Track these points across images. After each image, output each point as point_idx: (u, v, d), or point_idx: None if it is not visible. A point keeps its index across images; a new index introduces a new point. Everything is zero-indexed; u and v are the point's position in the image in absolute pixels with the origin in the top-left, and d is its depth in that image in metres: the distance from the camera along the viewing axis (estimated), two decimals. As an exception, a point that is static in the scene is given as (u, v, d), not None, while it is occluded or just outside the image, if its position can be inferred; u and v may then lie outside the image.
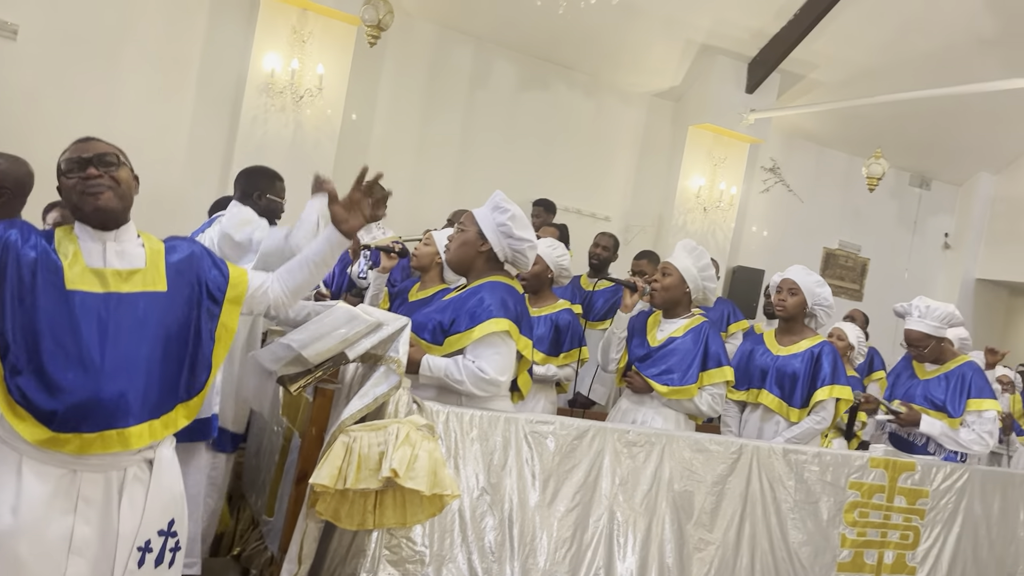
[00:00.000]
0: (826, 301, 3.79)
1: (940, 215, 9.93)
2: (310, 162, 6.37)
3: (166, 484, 2.05)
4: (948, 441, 3.85)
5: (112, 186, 1.95)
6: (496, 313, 2.74)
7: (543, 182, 7.65)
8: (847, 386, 3.68)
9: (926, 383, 4.01)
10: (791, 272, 3.84)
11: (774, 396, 3.74)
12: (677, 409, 3.56)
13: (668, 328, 3.63)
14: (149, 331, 1.96)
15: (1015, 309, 10.50)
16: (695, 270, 3.60)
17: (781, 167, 8.85)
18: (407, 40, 7.06)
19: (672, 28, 7.38)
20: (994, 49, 7.68)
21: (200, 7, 6.36)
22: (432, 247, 3.81)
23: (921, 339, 3.97)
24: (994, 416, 3.84)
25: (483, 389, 2.73)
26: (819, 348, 3.71)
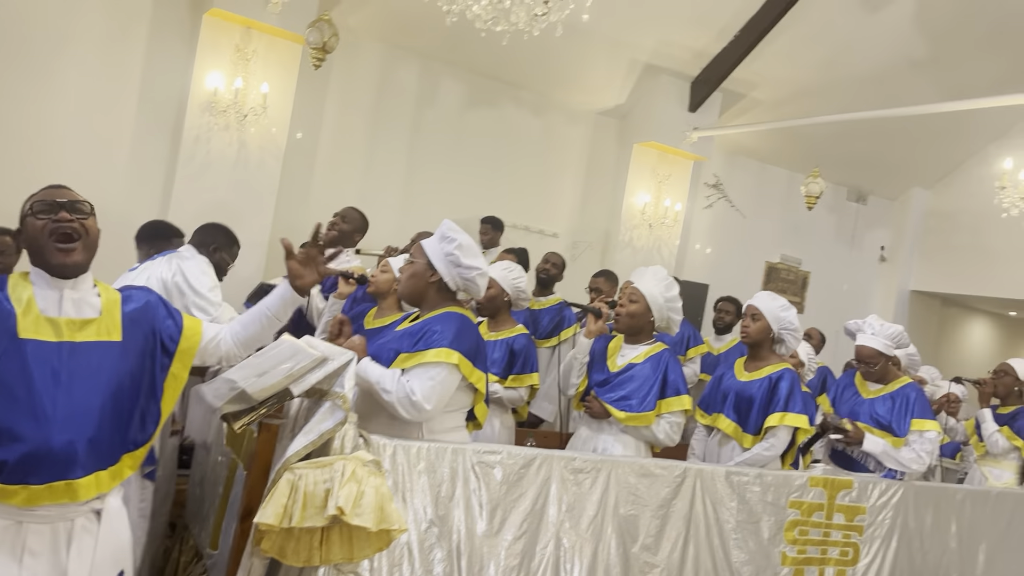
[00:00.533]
0: (791, 325, 3.78)
1: (876, 229, 10.24)
2: (255, 181, 6.32)
3: (115, 534, 2.02)
4: (888, 459, 3.95)
5: (82, 236, 1.95)
6: (448, 344, 2.75)
7: (491, 199, 7.68)
8: (803, 415, 3.63)
9: (871, 402, 4.10)
10: (756, 298, 3.85)
11: (730, 421, 3.74)
12: (635, 436, 3.55)
13: (629, 354, 3.63)
14: (102, 381, 1.94)
15: (947, 319, 10.88)
16: (662, 300, 3.59)
17: (724, 183, 9.04)
18: (353, 59, 7.04)
19: (617, 48, 7.50)
20: (925, 70, 7.98)
21: (140, 24, 6.25)
22: (390, 274, 3.77)
23: (873, 356, 4.06)
24: (935, 437, 3.96)
25: (406, 409, 2.69)
26: (779, 375, 3.67)
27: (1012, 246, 8.70)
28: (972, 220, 9.46)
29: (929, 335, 10.46)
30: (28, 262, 2.01)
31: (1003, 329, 11.95)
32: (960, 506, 3.98)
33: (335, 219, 4.83)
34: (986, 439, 5.08)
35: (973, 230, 9.48)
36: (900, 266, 10.10)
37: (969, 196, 9.46)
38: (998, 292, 9.32)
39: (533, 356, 4.03)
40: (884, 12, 7.36)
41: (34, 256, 1.95)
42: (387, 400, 2.70)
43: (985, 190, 8.25)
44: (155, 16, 6.28)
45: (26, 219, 1.95)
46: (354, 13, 6.84)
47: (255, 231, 6.32)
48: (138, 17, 6.24)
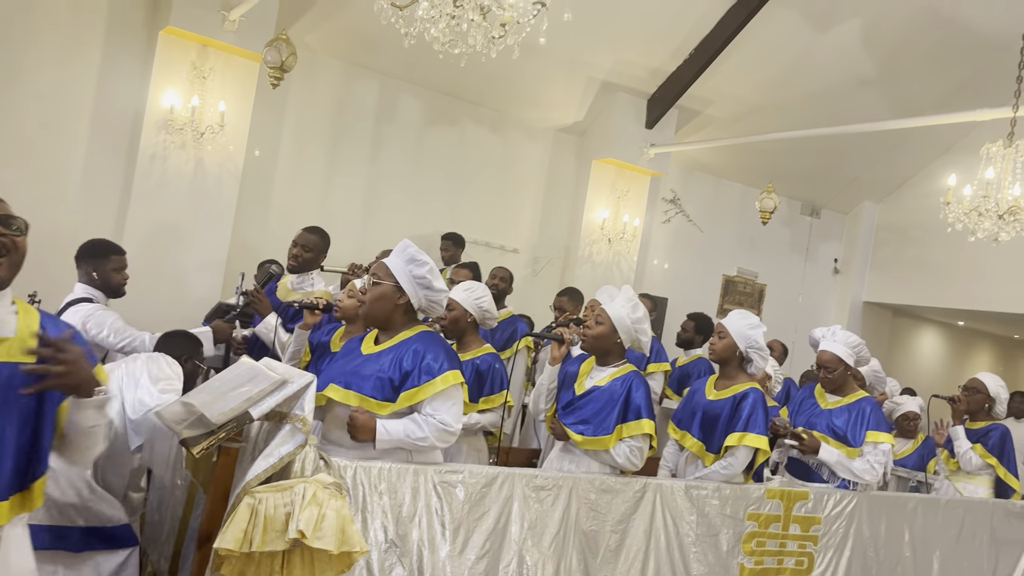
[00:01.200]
0: (757, 344, 3.78)
1: (830, 242, 10.47)
2: (212, 199, 6.26)
3: (14, 565, 1.93)
4: (842, 469, 4.01)
5: (9, 251, 1.87)
6: (448, 366, 2.82)
7: (451, 216, 7.72)
8: (763, 436, 3.62)
9: (828, 413, 4.17)
10: (727, 317, 3.87)
11: (695, 439, 3.75)
12: (595, 459, 3.46)
13: (596, 376, 3.58)
14: (9, 403, 1.85)
15: (899, 329, 11.13)
16: (629, 321, 3.55)
17: (681, 198, 9.18)
18: (312, 76, 7.03)
19: (574, 67, 7.60)
20: (873, 88, 8.22)
21: (94, 42, 6.17)
22: (356, 298, 3.76)
23: (832, 361, 4.15)
24: (888, 449, 4.04)
25: (445, 441, 2.81)
26: (743, 393, 3.68)
27: (958, 259, 8.95)
28: (920, 233, 9.72)
29: (881, 345, 10.70)
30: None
31: (953, 338, 12.27)
32: (912, 515, 4.09)
33: (296, 249, 4.72)
34: (960, 457, 5.11)
35: (921, 243, 9.74)
36: (853, 278, 10.34)
37: (917, 210, 9.72)
38: (947, 303, 9.58)
39: (502, 374, 3.98)
40: (833, 32, 7.57)
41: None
42: (425, 446, 2.78)
43: (931, 204, 8.47)
44: (110, 33, 6.21)
45: None
46: (312, 31, 6.84)
47: (213, 250, 6.27)
48: (92, 34, 6.17)
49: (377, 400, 2.78)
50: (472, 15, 3.16)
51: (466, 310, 3.95)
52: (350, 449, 2.77)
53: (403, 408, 2.79)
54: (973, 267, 8.89)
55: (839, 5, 7.36)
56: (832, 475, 4.10)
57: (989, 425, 5.17)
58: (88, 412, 1.93)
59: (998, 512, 4.47)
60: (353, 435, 2.73)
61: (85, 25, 6.14)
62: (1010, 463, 5.07)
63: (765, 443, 3.63)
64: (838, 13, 7.43)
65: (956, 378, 9.20)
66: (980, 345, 12.85)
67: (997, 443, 5.07)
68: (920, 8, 7.41)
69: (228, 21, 6.01)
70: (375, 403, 2.78)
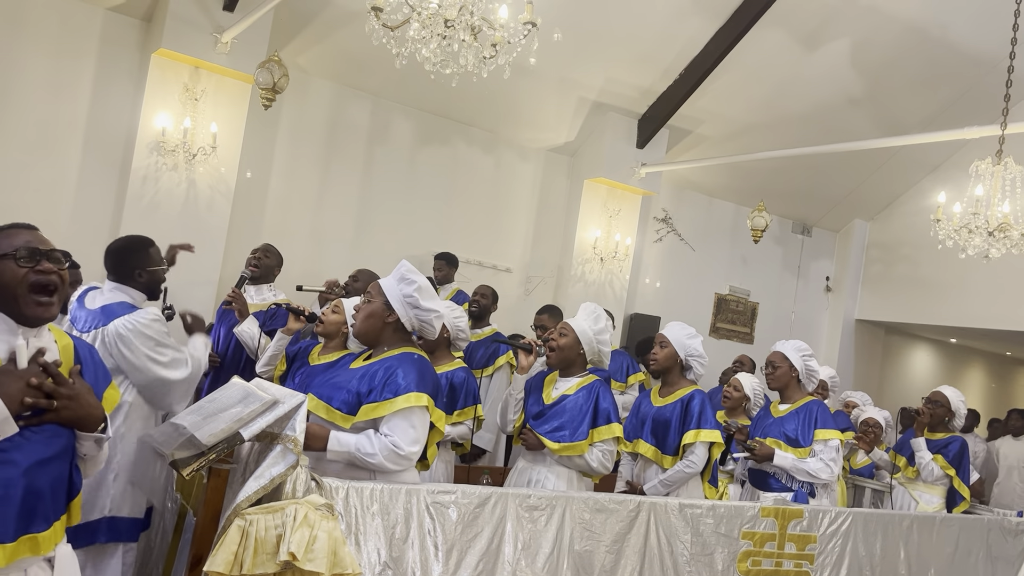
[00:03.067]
0: (696, 351, 4.03)
1: (821, 260, 10.50)
2: (204, 220, 6.26)
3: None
4: (798, 472, 4.21)
5: (59, 288, 1.91)
6: (415, 387, 2.76)
7: (444, 236, 7.73)
8: (715, 430, 3.89)
9: (780, 420, 4.38)
10: (666, 327, 4.13)
11: (649, 445, 3.97)
12: (568, 466, 3.64)
13: (562, 386, 3.74)
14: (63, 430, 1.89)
15: (891, 347, 11.15)
16: (591, 333, 3.71)
17: (673, 217, 9.21)
18: (304, 97, 7.06)
19: (565, 86, 7.64)
20: (862, 107, 8.29)
21: (87, 64, 6.19)
22: (341, 315, 3.78)
23: (775, 357, 4.39)
24: (837, 445, 4.25)
25: (396, 463, 2.72)
26: (689, 395, 3.94)
27: (949, 276, 8.99)
28: (911, 251, 9.77)
29: (874, 362, 10.71)
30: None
31: (945, 355, 12.30)
32: (908, 532, 4.07)
33: (258, 253, 4.89)
34: (922, 467, 5.29)
35: (912, 261, 9.78)
36: (845, 296, 10.36)
37: (907, 228, 9.77)
38: (939, 320, 9.60)
39: (474, 388, 4.11)
40: (822, 52, 7.64)
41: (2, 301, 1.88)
42: (373, 463, 2.69)
43: (922, 222, 8.52)
44: (102, 55, 6.24)
45: (1, 260, 1.88)
46: (304, 52, 6.87)
47: (205, 271, 6.25)
48: (85, 56, 6.19)
49: (342, 413, 2.77)
50: (463, 35, 3.18)
51: (444, 326, 4.02)
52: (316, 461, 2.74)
53: (363, 422, 2.75)
54: (964, 284, 8.92)
55: (827, 25, 7.43)
56: (790, 479, 4.26)
57: (949, 437, 5.36)
58: (85, 443, 1.95)
59: (994, 529, 4.46)
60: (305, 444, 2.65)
61: (78, 47, 6.16)
62: (965, 474, 5.29)
63: (718, 436, 3.91)
64: (827, 33, 7.50)
65: (949, 395, 9.20)
66: (972, 362, 12.87)
67: (957, 455, 5.28)
68: (908, 28, 7.49)
69: (220, 43, 6.03)
70: (339, 416, 2.77)
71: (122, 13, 6.28)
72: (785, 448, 4.27)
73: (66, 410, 1.85)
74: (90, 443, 1.95)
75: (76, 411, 1.87)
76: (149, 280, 3.42)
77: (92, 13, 6.20)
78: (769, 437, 4.33)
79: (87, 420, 1.90)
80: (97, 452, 1.99)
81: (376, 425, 2.76)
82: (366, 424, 2.76)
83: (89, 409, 1.90)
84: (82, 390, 1.90)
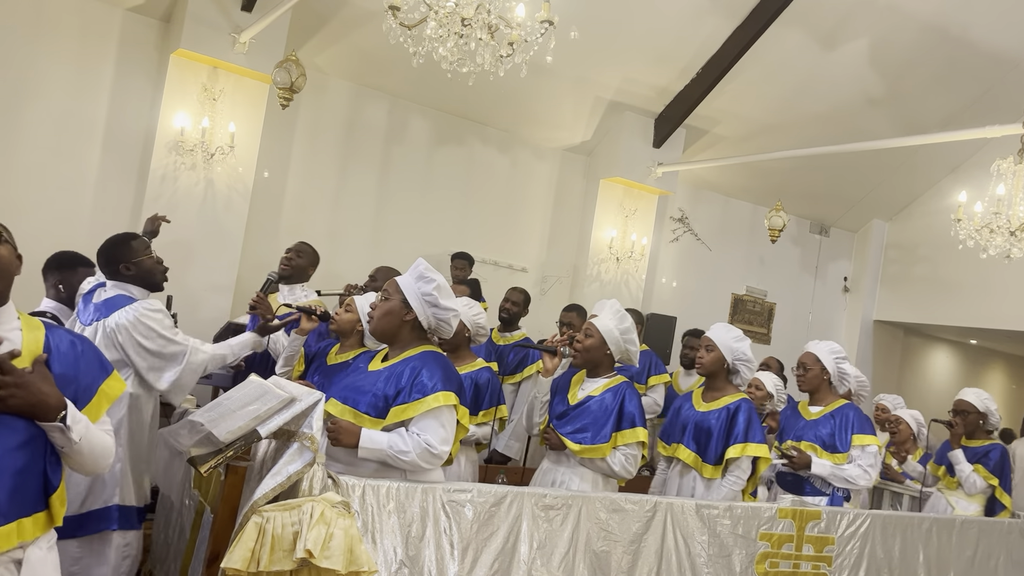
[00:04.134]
0: (745, 356, 3.87)
1: (839, 260, 10.43)
2: (222, 220, 6.30)
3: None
4: (837, 480, 4.12)
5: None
6: (443, 386, 2.76)
7: (460, 235, 7.74)
8: (763, 444, 3.74)
9: (814, 423, 4.26)
10: (711, 329, 3.97)
11: (690, 451, 3.83)
12: (591, 468, 3.58)
13: (588, 387, 3.67)
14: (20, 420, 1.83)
15: (910, 348, 11.05)
16: (617, 332, 3.63)
17: (689, 217, 9.17)
18: (321, 97, 7.08)
19: (581, 86, 7.63)
20: (881, 107, 8.22)
21: (106, 64, 6.25)
22: (353, 314, 3.76)
23: (808, 359, 4.28)
24: (875, 451, 4.15)
25: (428, 462, 2.73)
26: (736, 405, 3.79)
27: (970, 276, 8.90)
28: (931, 251, 9.68)
29: (893, 364, 10.62)
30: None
31: (965, 357, 12.18)
32: (927, 535, 4.03)
33: (289, 254, 4.85)
34: (963, 481, 5.12)
35: (932, 261, 9.69)
36: (863, 296, 10.28)
37: (927, 228, 9.68)
38: (958, 321, 9.50)
39: (498, 388, 4.07)
40: (841, 51, 7.58)
41: None
42: (406, 460, 2.70)
43: (942, 222, 8.44)
44: (121, 56, 6.28)
45: None
46: (321, 52, 6.89)
47: (222, 270, 6.29)
48: (105, 57, 6.24)
49: (371, 417, 2.77)
50: (480, 34, 3.18)
51: (465, 325, 4.01)
52: (347, 465, 2.75)
53: (393, 424, 2.76)
54: (985, 285, 8.83)
55: (846, 24, 7.37)
56: (825, 484, 4.17)
57: (988, 445, 5.22)
58: (53, 435, 1.88)
59: (1014, 533, 4.41)
60: (336, 439, 2.68)
61: (97, 48, 6.21)
62: (1007, 482, 5.15)
63: (765, 451, 3.76)
64: (845, 32, 7.44)
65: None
66: (993, 364, 12.74)
67: (998, 464, 5.13)
68: (928, 27, 7.42)
69: (238, 43, 6.07)
70: (368, 420, 2.76)
71: (141, 14, 6.33)
72: (820, 453, 4.16)
73: (12, 398, 1.78)
74: (56, 435, 1.87)
75: (24, 398, 1.80)
76: (139, 271, 3.42)
77: (111, 14, 6.25)
78: (804, 441, 4.22)
79: (38, 408, 1.82)
80: (69, 445, 1.88)
81: (406, 426, 2.76)
82: (395, 426, 2.77)
83: (41, 397, 1.82)
84: (34, 379, 1.82)
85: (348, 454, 2.73)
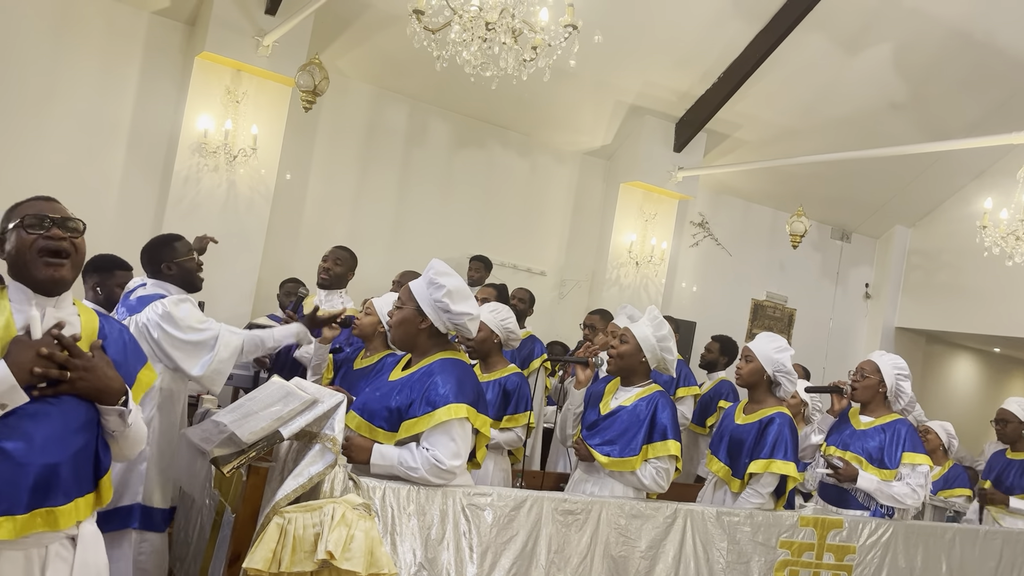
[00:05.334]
0: (784, 367, 3.72)
1: (861, 266, 10.34)
2: (244, 221, 6.34)
3: (90, 561, 1.98)
4: (882, 496, 3.92)
5: (71, 254, 1.91)
6: (453, 398, 2.70)
7: (479, 238, 7.74)
8: (791, 462, 3.53)
9: (863, 434, 4.08)
10: (754, 339, 3.83)
11: (722, 464, 3.70)
12: (620, 481, 3.45)
13: (621, 396, 3.56)
14: (81, 402, 1.90)
15: (932, 356, 10.94)
16: (654, 340, 3.52)
17: (709, 222, 9.13)
18: (342, 100, 7.12)
19: (602, 90, 7.62)
20: (905, 112, 8.15)
21: (131, 67, 6.31)
22: (374, 316, 3.76)
23: (870, 368, 4.12)
24: (927, 471, 3.95)
25: (438, 477, 2.68)
26: (769, 419, 3.62)
27: (995, 284, 8.79)
28: (954, 258, 9.58)
29: (915, 372, 10.39)
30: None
31: (988, 365, 12.03)
32: (950, 545, 3.98)
33: (327, 263, 4.83)
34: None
35: (955, 268, 9.59)
36: (885, 303, 10.19)
37: (950, 234, 9.59)
38: (982, 329, 9.40)
39: (527, 394, 3.98)
40: (864, 56, 7.53)
41: (16, 270, 1.90)
42: (415, 477, 2.67)
43: (966, 228, 8.35)
44: (147, 59, 6.35)
45: (12, 231, 1.90)
46: (344, 55, 6.93)
47: (244, 271, 6.34)
48: (130, 60, 6.31)
49: (384, 431, 2.74)
50: (504, 38, 3.19)
51: (492, 331, 3.96)
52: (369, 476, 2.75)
53: (406, 438, 2.72)
54: (1010, 292, 8.71)
55: (870, 29, 7.32)
56: (868, 499, 4.00)
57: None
58: (109, 418, 1.95)
59: (1039, 544, 4.35)
60: (350, 457, 2.67)
61: (123, 50, 6.28)
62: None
63: (793, 469, 3.54)
64: (869, 37, 7.39)
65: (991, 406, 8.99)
66: (1017, 373, 12.57)
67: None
68: (952, 31, 7.35)
69: (262, 46, 6.11)
70: (382, 434, 2.74)
71: (166, 17, 6.40)
72: (866, 467, 3.97)
73: (81, 381, 1.86)
74: (114, 418, 1.94)
75: (92, 382, 1.87)
76: (180, 272, 3.49)
77: (137, 17, 6.32)
78: (849, 451, 4.03)
79: (104, 392, 1.90)
80: (123, 428, 1.96)
81: (417, 440, 2.73)
82: (408, 440, 2.73)
83: (107, 381, 1.90)
84: (99, 363, 1.89)
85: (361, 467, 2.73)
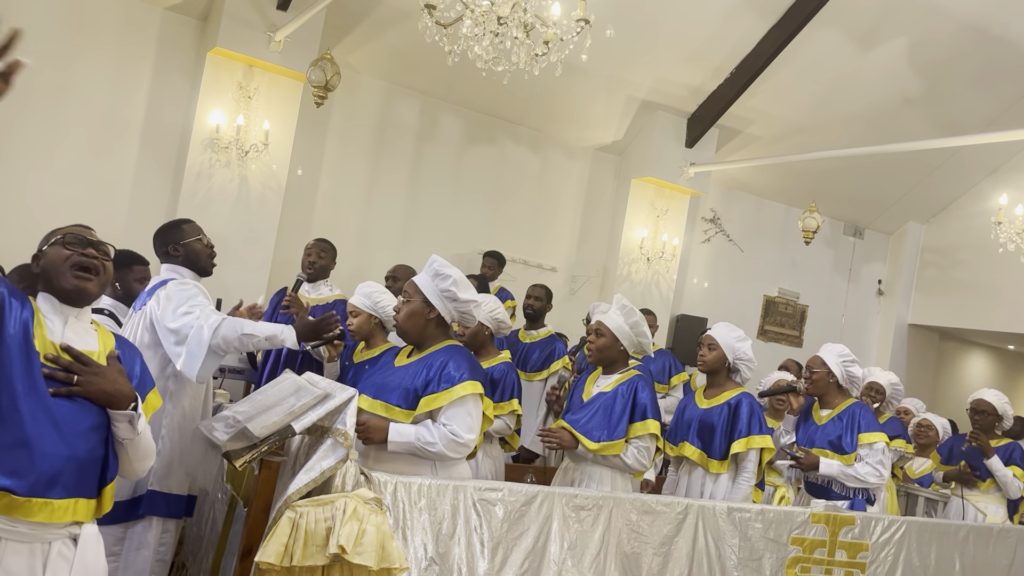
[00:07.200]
0: (745, 354, 3.93)
1: (874, 263, 10.28)
2: (256, 216, 6.36)
3: (89, 563, 2.02)
4: (847, 479, 4.10)
5: (100, 272, 2.07)
6: (469, 376, 2.88)
7: (490, 234, 7.74)
8: (766, 435, 3.76)
9: (823, 427, 4.26)
10: (713, 328, 4.02)
11: (695, 448, 3.85)
12: (605, 464, 3.55)
13: (602, 383, 3.69)
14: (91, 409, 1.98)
15: (946, 353, 10.87)
16: (627, 327, 3.65)
17: (721, 218, 9.10)
18: (354, 96, 7.12)
19: (613, 85, 7.59)
20: (919, 107, 8.09)
21: (144, 63, 6.34)
22: (362, 314, 3.80)
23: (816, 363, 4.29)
24: (883, 447, 4.10)
25: (455, 451, 2.83)
26: (736, 399, 3.81)
27: (1009, 280, 8.72)
28: (968, 254, 9.50)
29: (928, 368, 10.45)
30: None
31: (1002, 363, 11.95)
32: (963, 543, 3.96)
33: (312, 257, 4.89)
34: (1007, 486, 5.06)
35: (970, 264, 9.52)
36: (898, 300, 10.13)
37: (964, 231, 9.52)
38: (996, 326, 9.33)
39: (513, 382, 4.08)
40: (877, 51, 7.47)
41: (47, 282, 2.05)
42: (433, 451, 2.81)
43: (980, 225, 8.29)
44: (160, 54, 6.37)
45: (51, 246, 2.06)
46: (355, 51, 6.93)
47: (256, 266, 6.35)
48: (143, 56, 6.33)
49: (402, 409, 2.89)
50: (516, 33, 3.18)
51: (482, 323, 4.03)
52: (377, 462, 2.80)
53: (422, 414, 2.87)
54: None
55: (883, 24, 7.26)
56: (846, 488, 4.15)
57: (1009, 444, 5.19)
58: (119, 424, 2.02)
59: (1053, 542, 4.32)
60: (366, 437, 2.80)
61: (136, 46, 6.31)
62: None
63: (769, 441, 3.77)
64: (882, 32, 7.33)
65: (1006, 403, 8.94)
66: (1031, 370, 12.49)
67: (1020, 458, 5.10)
68: (966, 26, 7.29)
69: (274, 42, 6.12)
70: (400, 412, 2.89)
71: (179, 13, 6.41)
72: (831, 456, 4.16)
73: (90, 384, 1.95)
74: (124, 424, 2.01)
75: (102, 385, 1.97)
76: (186, 253, 3.36)
77: (150, 12, 6.34)
78: (815, 447, 4.22)
79: (115, 396, 1.99)
80: (133, 436, 2.04)
81: (433, 416, 2.87)
82: (424, 417, 2.88)
83: (117, 386, 1.99)
84: (110, 369, 2.00)
85: (378, 447, 2.84)
